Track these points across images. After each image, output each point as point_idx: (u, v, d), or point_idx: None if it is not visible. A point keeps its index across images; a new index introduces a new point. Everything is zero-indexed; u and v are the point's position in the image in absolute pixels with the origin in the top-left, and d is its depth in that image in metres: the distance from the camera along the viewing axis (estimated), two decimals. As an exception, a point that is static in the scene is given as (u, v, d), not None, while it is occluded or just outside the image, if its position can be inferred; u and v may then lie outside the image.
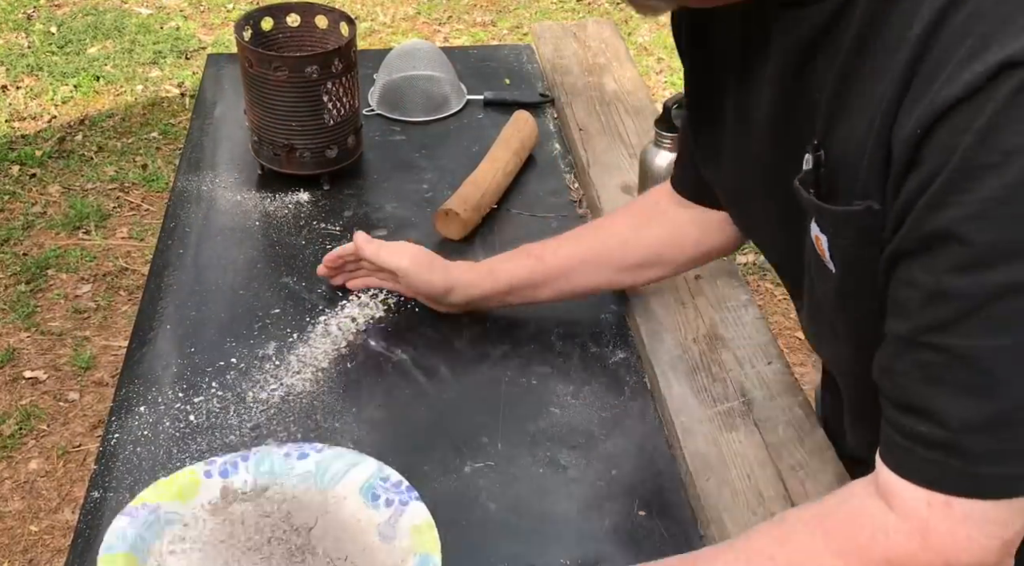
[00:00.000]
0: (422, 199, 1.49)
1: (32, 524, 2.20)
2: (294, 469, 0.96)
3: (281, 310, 1.28)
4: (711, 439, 1.08)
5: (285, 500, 0.93)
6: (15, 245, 2.96)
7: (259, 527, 0.90)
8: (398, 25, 4.23)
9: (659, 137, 1.30)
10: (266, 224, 1.43)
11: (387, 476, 0.96)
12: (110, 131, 3.48)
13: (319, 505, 0.93)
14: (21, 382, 2.53)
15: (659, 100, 1.41)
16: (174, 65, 3.87)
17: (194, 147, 1.60)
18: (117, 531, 0.88)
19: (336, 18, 1.51)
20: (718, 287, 1.28)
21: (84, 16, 4.15)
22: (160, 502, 0.92)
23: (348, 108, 1.47)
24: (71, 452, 2.36)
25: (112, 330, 2.69)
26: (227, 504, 0.93)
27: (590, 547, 1.00)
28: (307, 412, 1.13)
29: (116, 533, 0.88)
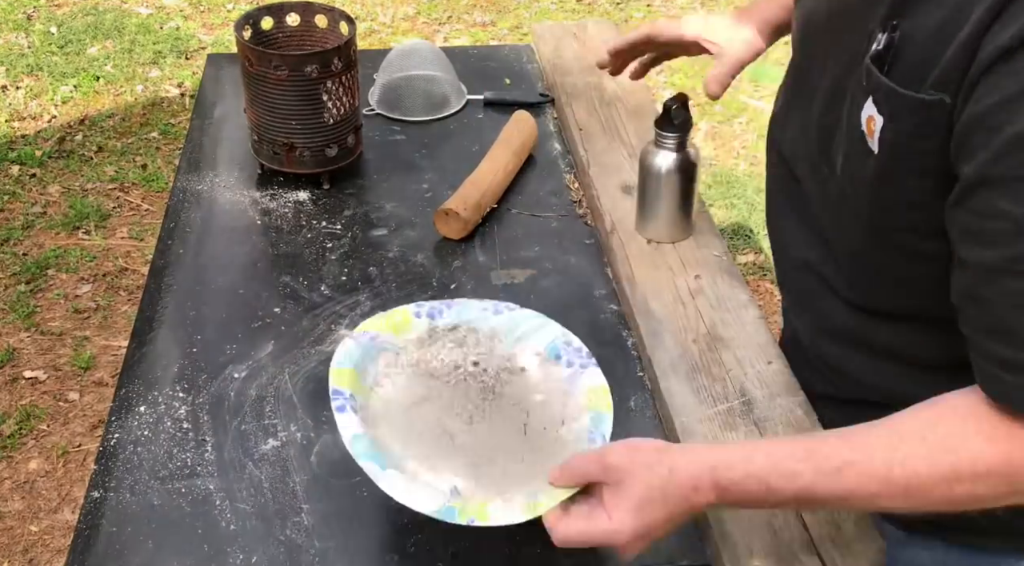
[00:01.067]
0: (422, 199, 1.49)
1: (32, 524, 2.20)
2: (489, 321, 1.08)
3: (281, 310, 1.28)
4: (711, 439, 1.07)
5: (480, 345, 1.07)
6: (15, 245, 2.96)
7: (456, 364, 1.05)
8: (398, 25, 4.23)
9: (659, 137, 1.29)
10: (266, 223, 1.43)
11: (570, 341, 1.06)
12: (110, 131, 3.48)
13: (508, 355, 1.06)
14: (21, 382, 2.53)
15: (659, 100, 1.40)
16: (174, 65, 3.87)
17: (194, 147, 1.60)
18: (345, 351, 1.03)
19: (336, 17, 1.51)
20: (718, 287, 1.28)
21: (84, 16, 4.15)
22: (379, 332, 1.06)
23: (348, 107, 1.47)
24: (71, 452, 2.36)
25: (112, 330, 2.69)
26: (432, 341, 1.07)
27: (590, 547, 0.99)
28: (307, 411, 1.13)
29: (344, 352, 1.03)
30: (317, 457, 1.08)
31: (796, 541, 0.97)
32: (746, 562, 0.95)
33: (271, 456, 1.08)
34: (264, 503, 1.03)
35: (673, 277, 1.29)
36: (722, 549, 0.96)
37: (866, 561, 0.95)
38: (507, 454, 0.97)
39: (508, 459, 0.96)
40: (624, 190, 1.44)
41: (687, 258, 1.32)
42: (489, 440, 0.98)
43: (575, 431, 0.98)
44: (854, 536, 0.97)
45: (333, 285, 1.32)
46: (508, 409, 1.02)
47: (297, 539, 1.00)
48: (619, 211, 1.39)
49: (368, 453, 0.93)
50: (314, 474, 1.06)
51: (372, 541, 1.00)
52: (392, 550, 0.99)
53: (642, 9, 4.32)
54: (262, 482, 1.05)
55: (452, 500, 0.90)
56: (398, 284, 1.32)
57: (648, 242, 1.34)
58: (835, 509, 0.92)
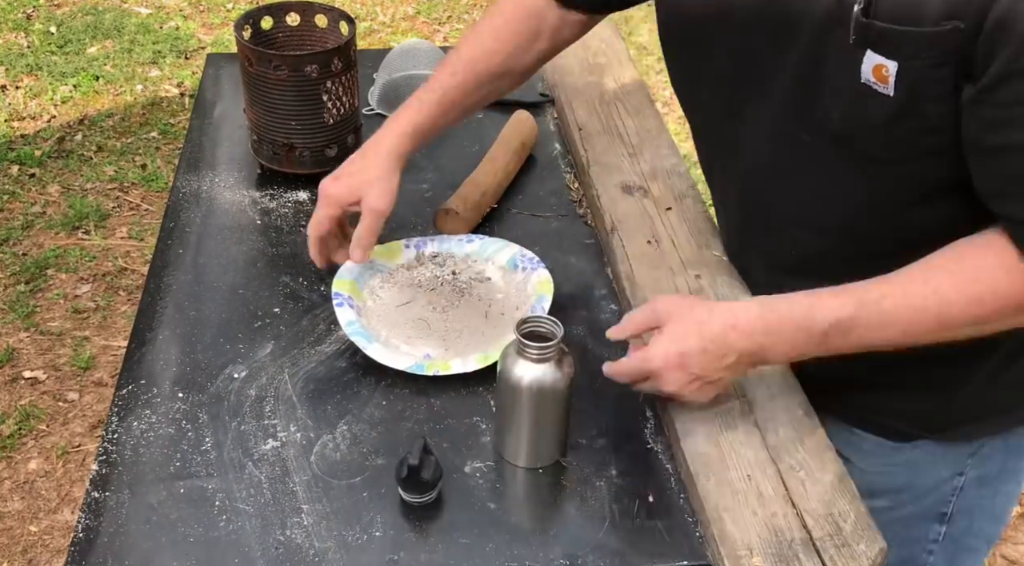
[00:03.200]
0: (422, 199, 1.49)
1: (32, 524, 2.20)
2: (464, 248, 1.34)
3: (281, 309, 1.28)
4: (711, 439, 1.08)
5: (456, 264, 1.33)
6: (15, 245, 2.95)
7: (436, 277, 1.31)
8: (398, 25, 4.23)
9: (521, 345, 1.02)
10: (266, 223, 1.43)
11: (525, 254, 1.32)
12: (109, 131, 3.48)
13: (478, 270, 1.32)
14: (20, 382, 2.53)
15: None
16: (174, 65, 3.87)
17: (194, 147, 1.60)
18: (346, 268, 1.28)
19: (336, 17, 1.51)
20: (718, 287, 1.28)
21: (83, 16, 4.14)
22: (374, 258, 1.29)
23: (348, 107, 1.46)
24: (71, 452, 2.36)
25: (112, 330, 2.69)
26: (419, 264, 1.33)
27: (590, 547, 1.00)
28: (307, 412, 1.13)
29: (346, 269, 1.28)
30: (317, 457, 1.08)
31: (796, 541, 0.97)
32: (746, 562, 0.95)
33: (271, 456, 1.08)
34: (264, 503, 1.03)
35: (673, 277, 1.29)
36: (722, 549, 0.96)
37: (866, 561, 0.96)
38: (471, 331, 1.22)
39: (471, 334, 1.22)
40: (624, 190, 1.44)
41: (687, 258, 1.31)
42: (457, 323, 1.24)
43: (524, 310, 1.24)
44: (854, 536, 0.97)
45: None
46: (475, 303, 1.27)
47: (297, 539, 1.00)
48: (619, 211, 1.39)
49: (358, 332, 1.18)
50: (314, 474, 1.06)
51: (372, 541, 1.00)
52: (392, 550, 0.99)
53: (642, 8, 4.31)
54: (262, 482, 1.05)
55: (422, 361, 1.17)
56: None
57: (647, 242, 1.34)
58: (866, 345, 0.98)
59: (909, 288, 0.94)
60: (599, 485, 1.06)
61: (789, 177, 1.06)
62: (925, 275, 0.94)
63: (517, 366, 1.02)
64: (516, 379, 1.02)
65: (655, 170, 1.48)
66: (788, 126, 1.01)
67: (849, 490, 1.02)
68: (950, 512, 1.22)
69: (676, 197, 1.42)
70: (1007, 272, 0.91)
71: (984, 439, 1.17)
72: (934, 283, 0.93)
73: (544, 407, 1.04)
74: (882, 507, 1.17)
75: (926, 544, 1.25)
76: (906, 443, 1.18)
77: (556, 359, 1.02)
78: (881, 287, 0.95)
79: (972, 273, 0.93)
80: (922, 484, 1.20)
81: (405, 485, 1.01)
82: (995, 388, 1.12)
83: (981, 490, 1.21)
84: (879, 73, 0.89)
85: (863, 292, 0.95)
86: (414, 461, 0.98)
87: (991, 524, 1.27)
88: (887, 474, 1.20)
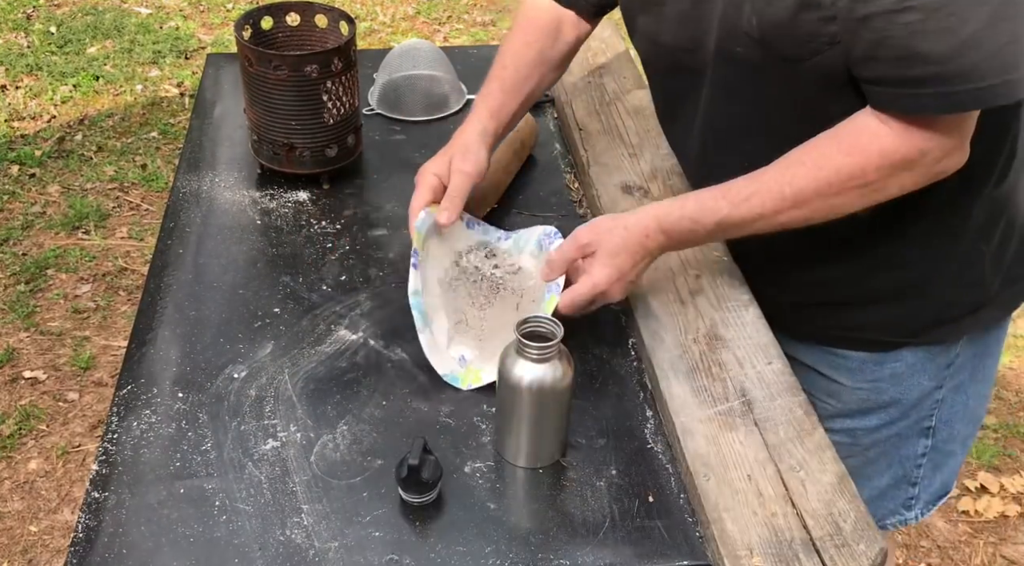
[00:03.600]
0: (422, 199, 1.49)
1: (32, 524, 2.20)
2: (503, 244, 1.34)
3: (281, 310, 1.28)
4: (711, 439, 1.08)
5: (497, 258, 1.33)
6: (15, 245, 2.96)
7: (478, 268, 1.32)
8: (398, 25, 4.23)
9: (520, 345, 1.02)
10: (266, 223, 1.43)
11: (548, 231, 1.31)
12: (110, 131, 3.48)
13: (513, 262, 1.32)
14: (20, 382, 2.53)
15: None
16: (173, 65, 3.87)
17: (194, 147, 1.60)
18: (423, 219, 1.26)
19: (336, 17, 1.51)
20: (718, 287, 1.28)
21: (83, 16, 4.15)
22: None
23: (348, 107, 1.46)
24: (71, 452, 2.36)
25: (112, 330, 2.69)
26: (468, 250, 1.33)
27: (590, 547, 1.00)
28: (307, 412, 1.14)
29: (422, 220, 1.26)
30: (317, 457, 1.08)
31: (796, 541, 0.97)
32: (746, 562, 0.95)
33: (271, 456, 1.08)
34: (264, 503, 1.03)
35: (673, 277, 1.29)
36: (722, 549, 0.96)
37: (866, 561, 0.96)
38: (505, 329, 1.15)
39: (506, 332, 1.11)
40: (624, 190, 1.44)
41: (687, 258, 1.32)
42: (492, 321, 1.24)
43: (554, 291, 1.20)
44: (854, 536, 0.98)
45: (333, 285, 1.32)
46: (508, 297, 1.27)
47: (297, 539, 1.00)
48: (619, 211, 1.39)
49: (418, 306, 1.20)
50: (314, 474, 1.06)
51: (372, 541, 1.00)
52: (392, 550, 0.99)
53: (642, 9, 4.32)
54: (262, 482, 1.05)
55: (457, 369, 1.18)
56: (398, 284, 1.32)
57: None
58: (749, 231, 1.14)
59: (772, 185, 1.09)
60: (599, 485, 1.06)
61: (734, 92, 1.18)
62: (783, 169, 1.09)
63: (517, 366, 1.02)
64: (516, 379, 1.02)
65: (655, 170, 1.48)
66: (727, 44, 1.14)
67: (849, 490, 1.02)
68: (934, 425, 1.35)
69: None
70: (846, 154, 1.05)
71: (959, 346, 1.29)
72: (789, 175, 1.09)
73: (544, 407, 1.04)
74: (875, 426, 1.35)
75: (916, 459, 1.38)
76: (888, 353, 1.29)
77: (556, 359, 1.02)
78: (750, 186, 1.11)
79: (819, 161, 1.07)
80: (908, 398, 1.32)
81: (405, 485, 1.01)
82: (960, 290, 1.24)
83: (957, 397, 1.34)
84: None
85: (734, 193, 1.11)
86: (414, 461, 0.99)
87: (968, 426, 1.40)
88: (874, 389, 1.32)
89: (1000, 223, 1.21)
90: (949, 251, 1.21)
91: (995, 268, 1.24)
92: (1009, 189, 1.20)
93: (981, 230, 1.20)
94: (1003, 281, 1.26)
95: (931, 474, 1.41)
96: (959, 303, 1.25)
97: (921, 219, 1.18)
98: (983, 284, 1.25)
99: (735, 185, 1.12)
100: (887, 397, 1.33)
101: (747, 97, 1.17)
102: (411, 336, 1.24)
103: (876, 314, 1.27)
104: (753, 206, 1.10)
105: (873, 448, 1.37)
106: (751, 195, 1.10)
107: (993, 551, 2.24)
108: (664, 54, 1.28)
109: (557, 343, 1.01)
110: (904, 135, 1.02)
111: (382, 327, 1.25)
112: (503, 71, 1.40)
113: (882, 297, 1.26)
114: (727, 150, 1.24)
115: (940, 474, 1.42)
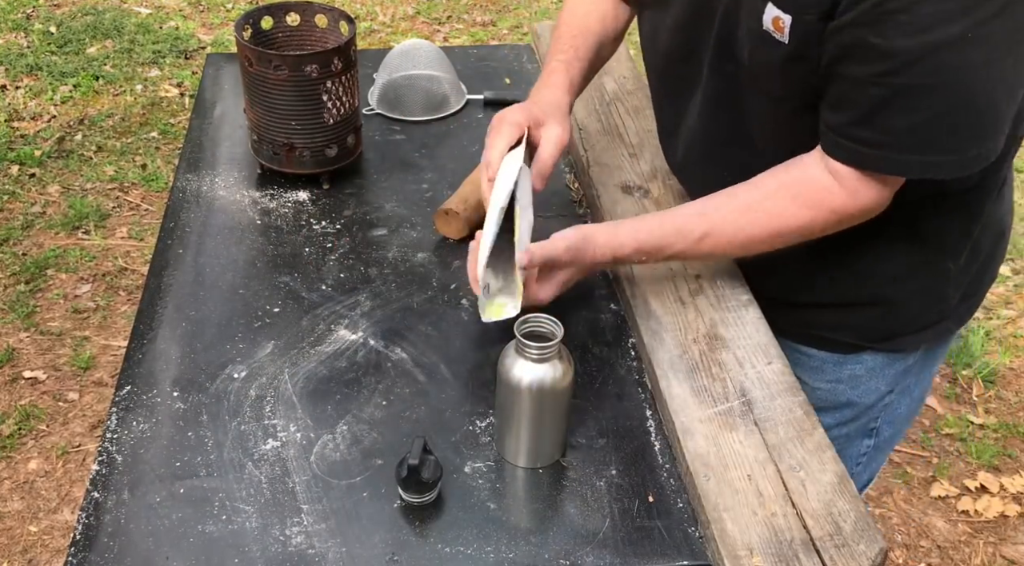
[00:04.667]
0: (422, 199, 1.49)
1: (32, 524, 2.20)
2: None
3: (281, 309, 1.28)
4: (711, 439, 1.08)
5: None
6: (15, 245, 2.96)
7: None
8: (398, 25, 4.23)
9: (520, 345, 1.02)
10: (266, 223, 1.43)
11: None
12: (109, 131, 3.48)
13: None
14: (20, 382, 2.53)
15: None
16: (173, 65, 3.87)
17: (194, 147, 1.60)
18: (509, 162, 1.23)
19: (336, 17, 1.51)
20: (718, 287, 1.28)
21: (83, 16, 4.15)
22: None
23: (348, 107, 1.46)
24: (71, 452, 2.36)
25: (112, 330, 2.69)
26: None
27: (590, 547, 1.00)
28: (307, 412, 1.14)
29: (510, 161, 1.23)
30: (317, 457, 1.08)
31: (796, 541, 0.97)
32: (746, 562, 0.95)
33: (271, 456, 1.08)
34: (264, 503, 1.03)
35: (673, 277, 1.29)
36: (722, 549, 0.96)
37: (866, 561, 0.96)
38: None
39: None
40: (624, 190, 1.44)
41: (687, 258, 1.32)
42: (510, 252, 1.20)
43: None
44: (854, 536, 0.98)
45: (333, 285, 1.32)
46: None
47: (297, 539, 1.00)
48: (619, 211, 1.40)
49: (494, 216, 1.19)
50: (314, 474, 1.06)
51: (372, 541, 1.00)
52: (392, 550, 0.99)
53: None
54: (262, 482, 1.05)
55: (482, 298, 1.18)
56: (398, 284, 1.33)
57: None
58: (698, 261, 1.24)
59: (726, 228, 1.15)
60: (599, 485, 1.06)
61: (723, 105, 1.20)
62: (737, 215, 1.14)
63: (517, 366, 1.02)
64: (516, 379, 1.02)
65: (655, 170, 1.48)
66: (720, 61, 1.16)
67: (849, 490, 1.02)
68: (878, 425, 1.40)
69: (676, 197, 1.42)
70: (800, 207, 1.11)
71: (915, 354, 1.33)
72: (745, 220, 1.14)
73: (544, 407, 1.04)
74: (828, 424, 1.31)
75: (857, 458, 1.43)
76: (849, 355, 1.32)
77: (556, 359, 1.02)
78: (702, 226, 1.16)
79: (775, 211, 1.12)
80: (862, 401, 1.36)
81: (405, 485, 1.01)
82: (926, 303, 1.27)
83: (902, 399, 1.38)
84: (776, 23, 1.04)
85: (689, 231, 1.16)
86: (414, 461, 0.99)
87: (904, 425, 1.45)
88: (832, 390, 1.35)
89: (969, 243, 1.24)
90: (921, 267, 1.24)
91: (957, 284, 1.27)
92: (985, 213, 1.23)
93: (953, 248, 1.23)
94: (961, 296, 1.29)
95: (863, 471, 1.46)
96: (923, 315, 1.29)
97: (899, 240, 1.21)
98: (947, 299, 1.28)
99: (690, 222, 1.17)
100: (843, 399, 1.36)
101: (734, 110, 1.19)
102: (411, 336, 1.24)
103: (843, 317, 1.30)
104: (704, 246, 1.17)
105: None
106: (704, 235, 1.16)
107: (993, 551, 2.24)
108: (660, 58, 1.30)
109: (557, 343, 1.01)
110: (855, 194, 1.08)
111: (382, 327, 1.25)
112: (572, 40, 1.38)
113: (851, 303, 1.28)
114: (709, 160, 1.27)
115: (869, 470, 1.48)
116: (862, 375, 1.33)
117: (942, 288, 1.27)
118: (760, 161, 1.15)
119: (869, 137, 1.03)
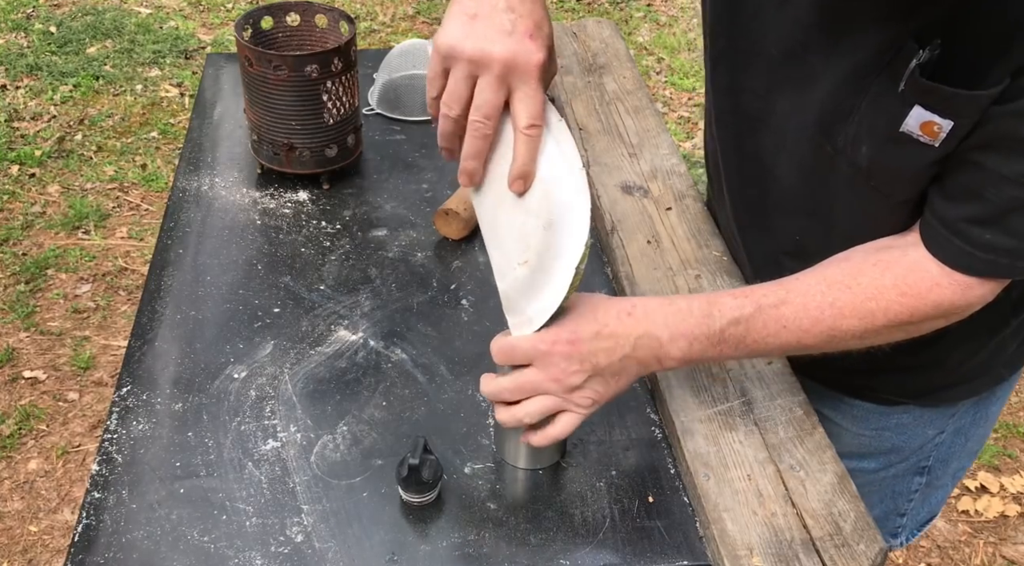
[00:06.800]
0: (422, 199, 1.49)
1: (32, 524, 2.20)
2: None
3: (281, 310, 1.28)
4: (711, 439, 1.08)
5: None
6: (15, 245, 2.96)
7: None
8: (397, 25, 4.23)
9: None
10: (266, 224, 1.43)
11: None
12: (109, 131, 3.48)
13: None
14: (20, 382, 2.53)
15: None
16: (173, 65, 3.87)
17: (193, 147, 1.60)
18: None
19: (336, 17, 1.51)
20: (718, 287, 1.28)
21: (83, 16, 4.15)
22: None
23: (348, 107, 1.47)
24: (71, 452, 2.37)
25: (112, 330, 2.70)
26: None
27: (590, 547, 1.00)
28: (307, 412, 1.14)
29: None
30: (317, 457, 1.08)
31: (796, 541, 0.97)
32: (746, 562, 0.95)
33: (271, 456, 1.08)
34: (264, 503, 1.03)
35: (673, 277, 1.29)
36: (722, 549, 0.96)
37: (866, 561, 0.96)
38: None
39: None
40: (624, 190, 1.44)
41: (687, 258, 1.32)
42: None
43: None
44: (854, 536, 0.98)
45: (333, 285, 1.32)
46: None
47: (297, 539, 1.00)
48: (619, 211, 1.39)
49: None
50: (314, 474, 1.07)
51: (372, 541, 1.00)
52: (392, 550, 0.99)
53: (642, 8, 4.32)
54: (262, 482, 1.05)
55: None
56: (398, 284, 1.33)
57: (647, 242, 1.34)
58: (758, 350, 0.99)
59: (808, 300, 0.96)
60: (599, 485, 1.06)
61: (810, 175, 1.04)
62: (824, 287, 0.96)
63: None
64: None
65: (655, 170, 1.48)
66: (815, 131, 0.99)
67: (849, 490, 1.02)
68: (930, 464, 1.32)
69: (676, 197, 1.42)
70: (900, 294, 0.94)
71: (970, 400, 1.25)
72: (832, 296, 0.96)
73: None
74: (873, 468, 1.31)
75: (908, 495, 1.36)
76: (896, 406, 1.25)
77: None
78: (779, 293, 0.97)
79: (870, 291, 0.95)
80: (909, 445, 1.29)
81: (405, 485, 1.01)
82: (973, 361, 1.20)
83: (956, 439, 1.30)
84: (928, 129, 0.88)
85: (762, 296, 0.97)
86: (414, 461, 0.99)
87: (964, 461, 1.37)
88: (877, 437, 1.28)
89: None
90: (983, 326, 1.10)
91: (1016, 335, 1.19)
92: None
93: (1017, 304, 1.14)
94: (1020, 344, 1.20)
95: (920, 506, 1.39)
96: (972, 371, 1.21)
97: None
98: (1004, 349, 1.20)
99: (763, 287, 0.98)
100: (889, 444, 1.29)
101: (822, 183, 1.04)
102: (411, 337, 1.24)
103: (892, 378, 1.22)
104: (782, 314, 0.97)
105: (867, 486, 1.31)
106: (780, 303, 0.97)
107: (993, 551, 2.24)
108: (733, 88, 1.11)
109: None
110: (964, 292, 0.94)
111: (382, 327, 1.25)
112: None
113: (896, 367, 1.17)
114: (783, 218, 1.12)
115: (928, 504, 1.40)
116: (909, 423, 1.26)
117: (1001, 342, 1.18)
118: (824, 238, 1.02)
119: (990, 240, 0.90)
